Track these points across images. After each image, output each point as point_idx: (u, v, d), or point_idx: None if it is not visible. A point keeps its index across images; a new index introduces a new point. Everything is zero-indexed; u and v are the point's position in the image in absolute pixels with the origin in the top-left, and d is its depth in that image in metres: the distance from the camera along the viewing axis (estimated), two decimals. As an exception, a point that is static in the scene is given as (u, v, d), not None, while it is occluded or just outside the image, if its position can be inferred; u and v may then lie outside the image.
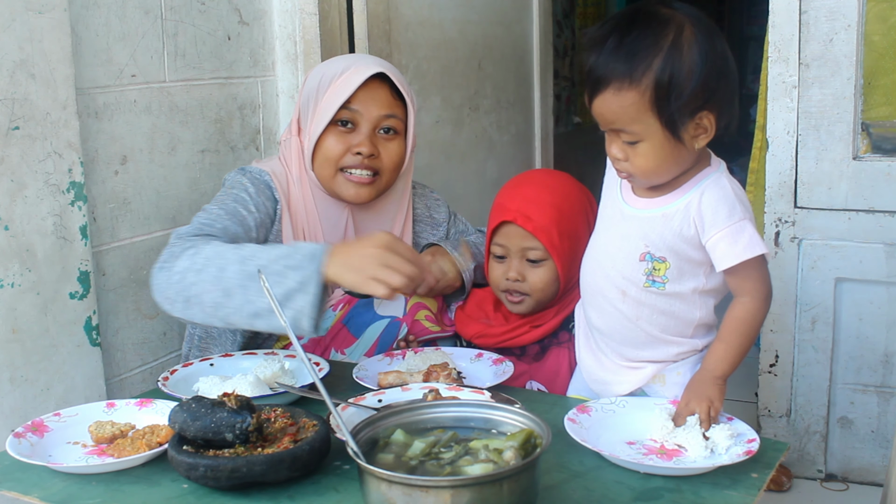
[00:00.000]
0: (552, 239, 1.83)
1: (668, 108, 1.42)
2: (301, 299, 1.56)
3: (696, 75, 1.41)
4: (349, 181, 1.95)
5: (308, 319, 1.56)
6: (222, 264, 1.63)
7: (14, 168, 1.79)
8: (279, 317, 1.37)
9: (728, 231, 1.47)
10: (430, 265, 1.97)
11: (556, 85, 4.60)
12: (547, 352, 1.90)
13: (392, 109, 1.96)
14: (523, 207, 1.85)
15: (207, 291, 1.63)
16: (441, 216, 2.21)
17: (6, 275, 1.79)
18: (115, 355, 2.09)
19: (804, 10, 2.43)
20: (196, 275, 1.65)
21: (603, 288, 1.60)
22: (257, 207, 1.91)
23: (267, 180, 1.96)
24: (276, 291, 1.55)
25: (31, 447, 1.45)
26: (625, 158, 1.49)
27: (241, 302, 1.60)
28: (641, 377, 1.61)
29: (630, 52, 1.42)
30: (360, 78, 1.92)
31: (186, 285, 1.65)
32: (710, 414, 1.44)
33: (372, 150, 1.93)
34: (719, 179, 1.51)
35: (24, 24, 1.78)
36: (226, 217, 1.85)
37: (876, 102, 2.55)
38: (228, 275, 1.62)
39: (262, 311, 1.59)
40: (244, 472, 1.29)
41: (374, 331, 1.93)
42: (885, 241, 2.44)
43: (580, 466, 1.37)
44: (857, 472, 2.60)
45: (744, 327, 1.51)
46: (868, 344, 2.51)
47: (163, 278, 1.70)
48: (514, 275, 1.87)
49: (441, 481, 1.13)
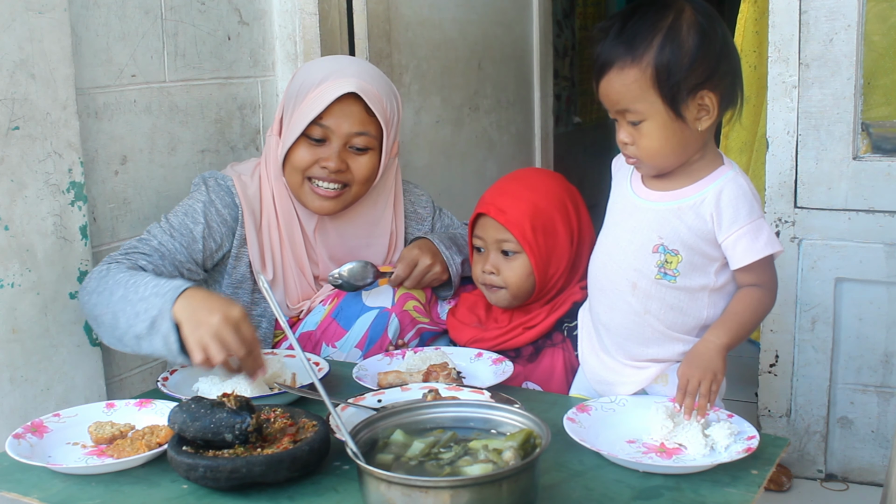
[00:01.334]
0: (524, 232, 1.85)
1: (669, 83, 1.46)
2: (163, 327, 1.61)
3: (695, 51, 1.46)
4: (315, 193, 1.97)
5: (173, 345, 1.60)
6: (113, 289, 1.71)
7: (14, 168, 1.79)
8: (277, 315, 1.38)
9: (749, 228, 1.50)
10: (417, 258, 2.01)
11: (556, 85, 4.60)
12: (541, 353, 1.90)
13: (364, 127, 1.95)
14: (498, 200, 1.89)
15: (104, 314, 1.70)
16: (425, 211, 2.23)
17: (6, 275, 1.79)
18: (115, 355, 2.09)
19: (804, 10, 2.43)
20: (98, 297, 1.73)
21: (613, 280, 1.60)
22: (210, 218, 1.94)
23: (229, 186, 1.98)
24: (142, 318, 1.63)
25: (31, 448, 1.45)
26: (632, 142, 1.53)
27: (126, 325, 1.65)
28: (645, 377, 1.61)
29: (632, 34, 1.48)
30: (333, 95, 1.91)
31: (90, 306, 1.75)
32: (711, 388, 1.45)
33: (339, 166, 1.94)
34: (737, 178, 1.54)
35: (24, 24, 1.78)
36: (165, 234, 1.90)
37: (876, 102, 2.55)
38: (115, 298, 1.68)
39: (143, 334, 1.63)
40: (244, 473, 1.29)
41: (364, 322, 1.94)
42: (885, 241, 2.44)
43: (580, 466, 1.37)
44: (857, 472, 2.60)
45: (752, 308, 1.53)
46: (868, 344, 2.51)
47: (81, 298, 1.82)
48: (489, 267, 1.91)
49: (440, 482, 1.13)
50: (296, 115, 1.95)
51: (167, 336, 1.59)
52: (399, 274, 1.99)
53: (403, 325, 1.96)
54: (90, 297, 1.75)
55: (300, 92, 1.96)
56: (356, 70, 1.97)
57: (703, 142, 1.54)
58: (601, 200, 1.74)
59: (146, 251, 1.86)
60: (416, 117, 3.14)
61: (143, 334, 1.62)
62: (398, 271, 1.99)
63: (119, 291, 1.69)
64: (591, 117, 5.73)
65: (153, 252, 1.86)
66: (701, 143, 1.54)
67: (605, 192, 1.71)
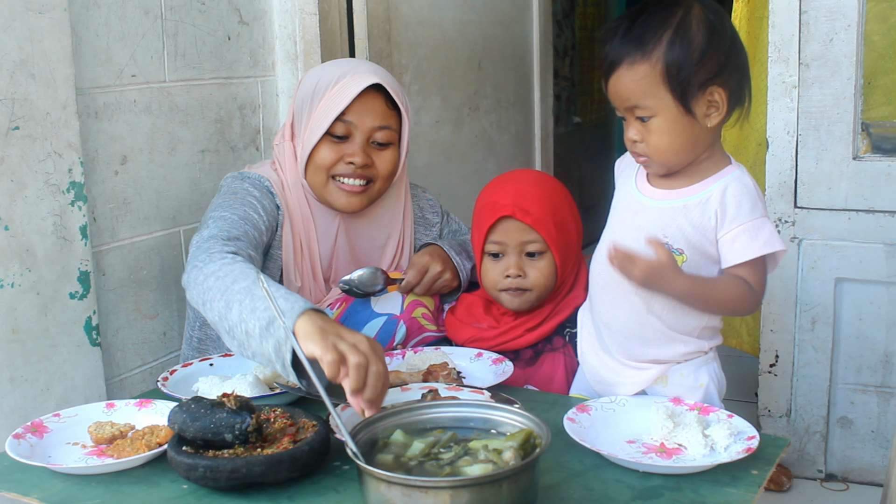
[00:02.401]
0: (550, 231, 1.84)
1: (679, 78, 1.47)
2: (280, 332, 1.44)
3: (704, 46, 1.47)
4: (341, 190, 1.96)
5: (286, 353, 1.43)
6: (236, 277, 1.57)
7: (14, 168, 1.79)
8: (278, 316, 1.38)
9: (749, 226, 1.51)
10: (428, 265, 1.98)
11: (556, 85, 4.60)
12: (541, 357, 1.89)
13: (386, 121, 1.95)
14: (519, 202, 1.85)
15: (216, 300, 1.57)
16: (434, 217, 2.22)
17: (6, 275, 1.79)
18: (115, 355, 2.10)
19: (804, 10, 2.43)
20: (216, 280, 1.59)
21: (617, 279, 1.59)
22: (265, 211, 1.91)
23: (268, 186, 1.96)
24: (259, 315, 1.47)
25: (31, 448, 1.45)
26: (641, 139, 1.53)
27: (237, 318, 1.51)
28: (646, 378, 1.61)
29: (641, 31, 1.49)
30: (357, 89, 1.91)
31: (206, 289, 1.60)
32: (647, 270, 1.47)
33: (365, 160, 1.93)
34: (742, 177, 1.54)
35: (24, 24, 1.78)
36: (244, 222, 1.84)
37: (876, 102, 2.55)
38: (236, 288, 1.55)
39: (255, 332, 1.47)
40: (244, 473, 1.29)
41: (372, 328, 1.93)
42: (885, 241, 2.44)
43: (580, 466, 1.37)
44: (857, 472, 2.60)
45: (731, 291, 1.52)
46: (868, 344, 2.51)
47: (193, 278, 1.66)
48: (515, 270, 1.86)
49: (440, 482, 1.13)
50: (315, 115, 1.94)
51: (282, 343, 1.43)
52: (410, 280, 1.97)
53: (411, 332, 1.95)
54: (206, 280, 1.60)
55: (316, 93, 1.95)
56: (370, 67, 1.99)
57: (711, 139, 1.55)
58: (601, 200, 1.74)
59: (239, 236, 1.76)
60: (416, 117, 3.14)
61: (256, 333, 1.47)
62: (409, 278, 1.97)
63: (241, 282, 1.55)
64: (591, 117, 5.73)
65: (244, 237, 1.77)
66: (710, 141, 1.54)
67: (605, 193, 1.72)
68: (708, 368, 1.62)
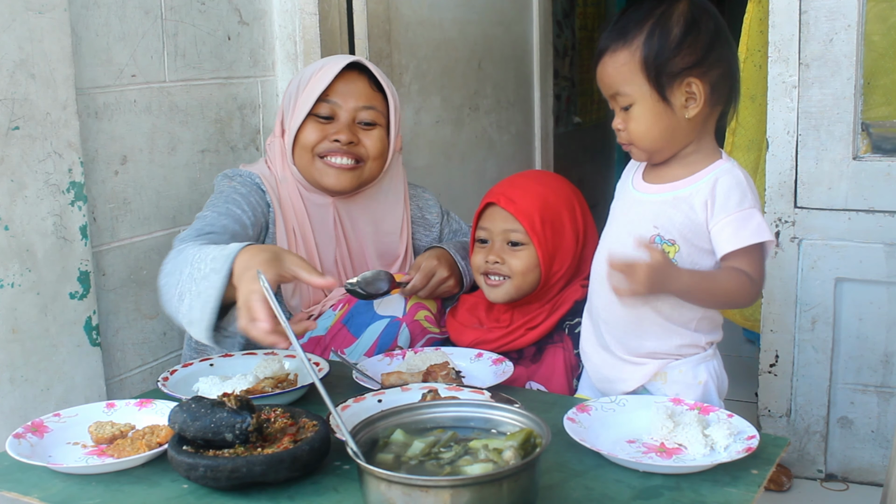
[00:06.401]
0: (533, 223, 1.85)
1: (655, 65, 1.52)
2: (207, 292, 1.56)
3: (681, 37, 1.52)
4: (329, 167, 1.97)
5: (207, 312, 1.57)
6: (181, 267, 1.66)
7: (14, 168, 1.79)
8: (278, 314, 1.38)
9: (737, 216, 1.53)
10: (435, 269, 1.99)
11: (556, 85, 4.60)
12: (544, 352, 1.90)
13: (371, 101, 1.99)
14: (508, 191, 1.90)
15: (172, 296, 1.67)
16: (434, 217, 2.22)
17: (6, 275, 1.79)
18: (115, 355, 2.10)
19: (804, 10, 2.43)
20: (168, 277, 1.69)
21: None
22: (250, 206, 1.92)
23: (258, 182, 1.98)
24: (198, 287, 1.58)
25: (31, 448, 1.45)
26: (623, 127, 1.58)
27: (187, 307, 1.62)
28: (644, 373, 1.62)
29: (626, 21, 1.56)
30: (337, 68, 1.95)
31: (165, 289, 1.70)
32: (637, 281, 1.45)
33: (351, 138, 1.96)
34: (732, 170, 1.57)
35: (24, 24, 1.78)
36: (222, 217, 1.86)
37: (876, 102, 2.55)
38: (183, 278, 1.64)
39: (194, 321, 1.59)
40: (244, 473, 1.29)
41: (374, 331, 1.93)
42: (885, 241, 2.44)
43: (580, 466, 1.37)
44: (857, 472, 2.60)
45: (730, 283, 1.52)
46: (868, 344, 2.51)
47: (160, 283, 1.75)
48: (493, 257, 1.89)
49: (441, 481, 1.13)
50: (300, 101, 1.97)
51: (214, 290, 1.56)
52: (416, 284, 1.96)
53: (414, 335, 1.95)
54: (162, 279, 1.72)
55: (301, 82, 2.00)
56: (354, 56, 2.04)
57: (693, 131, 1.57)
58: (601, 200, 1.75)
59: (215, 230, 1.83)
60: (416, 117, 3.14)
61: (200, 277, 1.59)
62: (415, 281, 1.96)
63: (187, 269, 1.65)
64: (591, 117, 5.72)
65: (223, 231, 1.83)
66: (692, 133, 1.57)
67: (605, 192, 1.73)
68: (707, 366, 1.63)
